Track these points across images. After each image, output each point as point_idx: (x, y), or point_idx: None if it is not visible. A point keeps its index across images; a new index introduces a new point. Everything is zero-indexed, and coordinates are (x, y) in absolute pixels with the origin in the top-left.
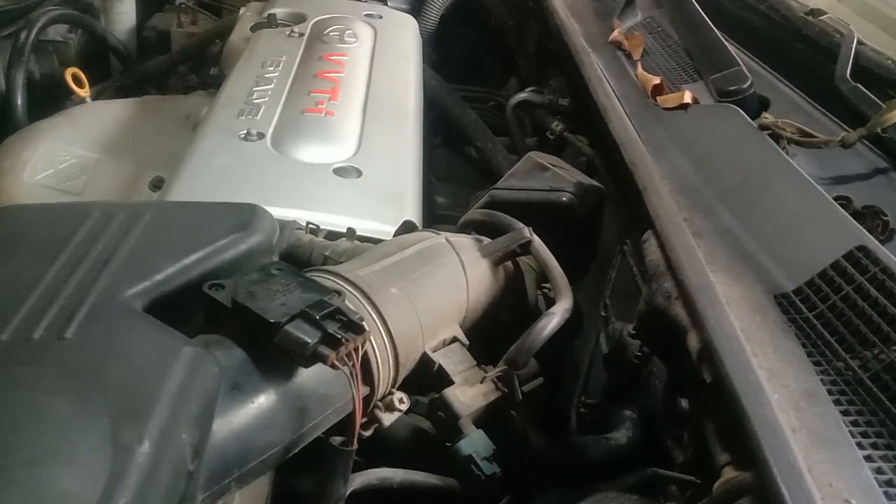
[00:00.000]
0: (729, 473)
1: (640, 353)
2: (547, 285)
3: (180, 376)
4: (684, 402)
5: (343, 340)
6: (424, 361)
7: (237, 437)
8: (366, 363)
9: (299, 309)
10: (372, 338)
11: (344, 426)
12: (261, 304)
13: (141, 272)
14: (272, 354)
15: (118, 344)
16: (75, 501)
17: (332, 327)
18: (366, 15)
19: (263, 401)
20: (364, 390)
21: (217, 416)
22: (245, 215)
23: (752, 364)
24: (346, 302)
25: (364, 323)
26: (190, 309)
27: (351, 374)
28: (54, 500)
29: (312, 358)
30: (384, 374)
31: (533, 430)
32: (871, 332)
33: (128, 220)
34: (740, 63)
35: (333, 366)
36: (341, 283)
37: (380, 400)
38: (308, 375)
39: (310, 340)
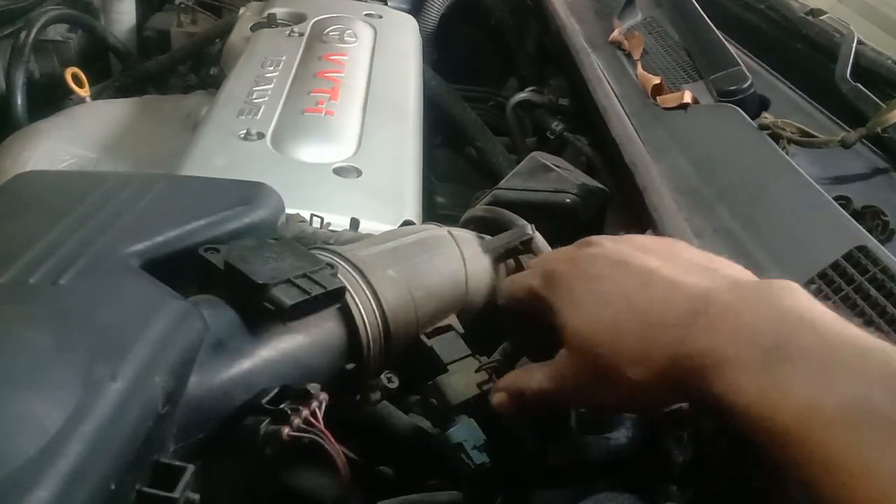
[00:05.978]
0: None
1: None
2: None
3: (162, 324)
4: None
5: (296, 410)
6: (418, 346)
7: (214, 393)
8: (355, 337)
9: (288, 276)
10: (364, 314)
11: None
12: (251, 266)
13: (142, 233)
14: (260, 318)
15: (109, 292)
16: (38, 424)
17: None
18: (366, 15)
19: (245, 362)
20: (351, 366)
21: (196, 370)
22: (252, 191)
23: None
24: (339, 276)
25: (350, 292)
26: (186, 275)
27: (320, 438)
28: (17, 420)
29: (290, 319)
30: (375, 351)
31: (527, 422)
32: (871, 332)
33: (139, 189)
34: (740, 63)
35: (292, 440)
36: (337, 259)
37: (370, 380)
38: (295, 344)
39: (289, 301)
